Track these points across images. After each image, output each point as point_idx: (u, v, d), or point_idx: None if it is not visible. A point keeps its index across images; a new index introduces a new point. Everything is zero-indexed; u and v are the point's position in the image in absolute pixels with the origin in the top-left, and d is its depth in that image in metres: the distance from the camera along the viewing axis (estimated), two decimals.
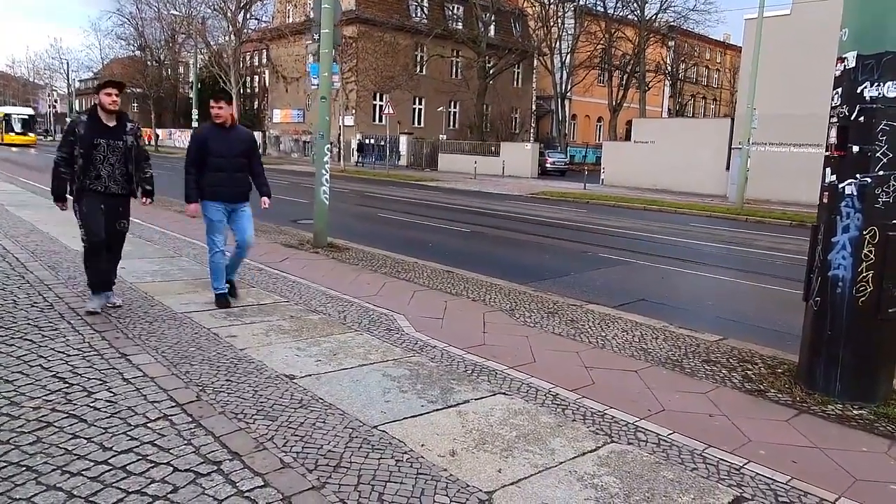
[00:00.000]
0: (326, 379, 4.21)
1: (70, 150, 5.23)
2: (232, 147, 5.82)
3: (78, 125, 5.25)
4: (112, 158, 5.31)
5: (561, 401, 4.12)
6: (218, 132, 5.80)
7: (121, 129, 5.35)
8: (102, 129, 5.26)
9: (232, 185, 5.83)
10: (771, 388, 4.61)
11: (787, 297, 8.58)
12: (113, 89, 5.28)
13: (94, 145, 5.21)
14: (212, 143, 5.72)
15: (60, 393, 3.68)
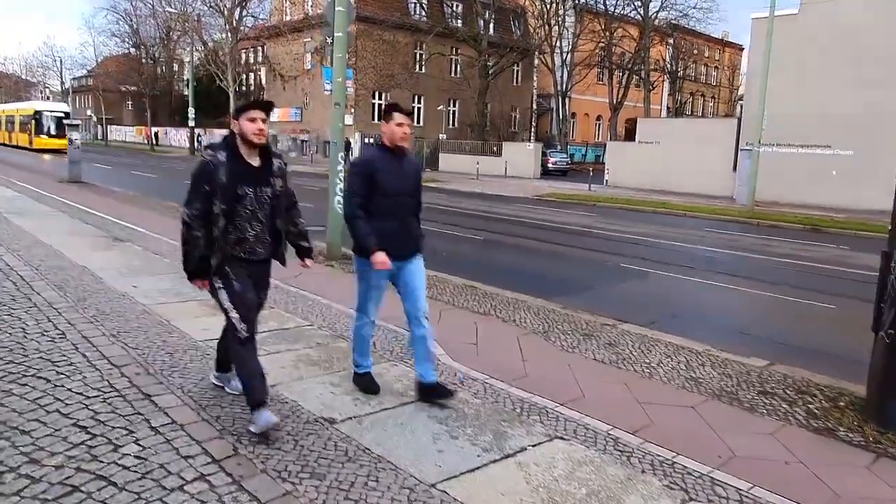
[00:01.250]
0: (369, 423, 3.89)
1: (206, 204, 3.59)
2: (406, 181, 4.24)
3: (217, 169, 3.57)
4: (261, 213, 3.72)
5: (623, 446, 3.81)
6: (390, 160, 4.18)
7: (267, 169, 3.75)
8: (246, 173, 3.66)
9: (405, 235, 4.26)
10: (839, 426, 4.32)
11: (819, 311, 8.34)
12: (259, 113, 3.62)
13: (239, 197, 3.63)
14: (382, 175, 4.10)
15: (84, 447, 3.35)
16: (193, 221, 3.62)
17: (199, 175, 3.63)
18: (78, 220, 11.55)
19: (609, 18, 43.49)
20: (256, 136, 3.61)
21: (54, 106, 47.68)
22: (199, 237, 3.63)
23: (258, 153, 3.72)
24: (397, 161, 4.22)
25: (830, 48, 22.57)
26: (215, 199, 3.59)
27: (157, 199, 16.19)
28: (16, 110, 48.94)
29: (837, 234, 16.64)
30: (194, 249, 3.66)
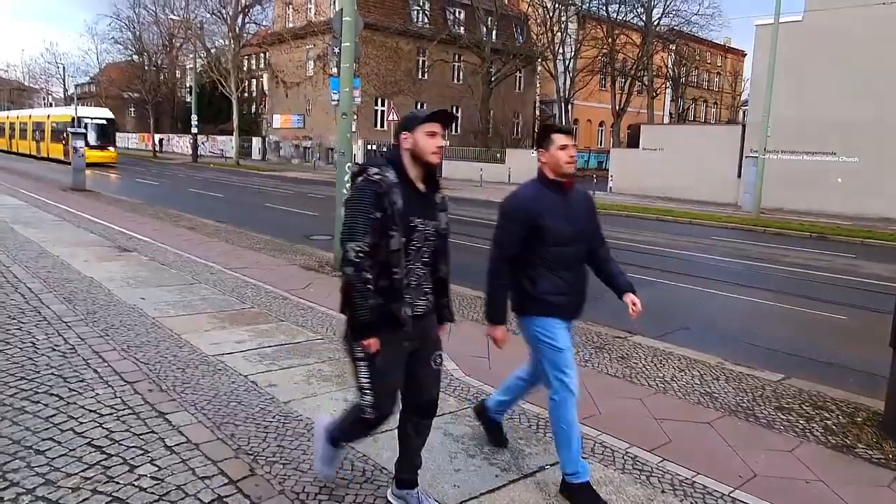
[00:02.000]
0: (384, 441, 3.84)
1: (380, 234, 2.74)
2: (579, 221, 3.39)
3: (390, 191, 2.77)
4: (426, 252, 2.95)
5: (642, 465, 3.77)
6: (555, 198, 3.32)
7: (434, 196, 2.99)
8: (418, 201, 2.89)
9: (580, 289, 3.45)
10: (858, 442, 4.28)
11: (830, 322, 8.29)
12: (440, 126, 2.90)
13: (411, 230, 2.84)
14: (549, 220, 3.25)
15: (99, 467, 3.31)
16: (364, 261, 2.71)
17: (368, 198, 2.74)
18: (83, 229, 11.54)
19: (611, 25, 43.56)
20: (435, 156, 2.88)
21: (97, 111, 41.10)
22: (371, 280, 2.74)
23: (423, 177, 2.94)
24: (563, 197, 3.32)
25: (834, 55, 22.57)
26: (393, 231, 2.75)
27: (161, 208, 16.19)
28: (46, 117, 42.29)
29: (844, 242, 16.60)
30: (367, 297, 2.73)
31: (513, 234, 3.29)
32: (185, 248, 10.19)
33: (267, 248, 10.71)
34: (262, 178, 32.75)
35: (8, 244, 9.47)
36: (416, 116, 2.91)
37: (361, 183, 2.82)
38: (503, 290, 3.37)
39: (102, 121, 38.51)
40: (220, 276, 8.26)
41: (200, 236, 11.64)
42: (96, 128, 37.51)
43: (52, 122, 39.89)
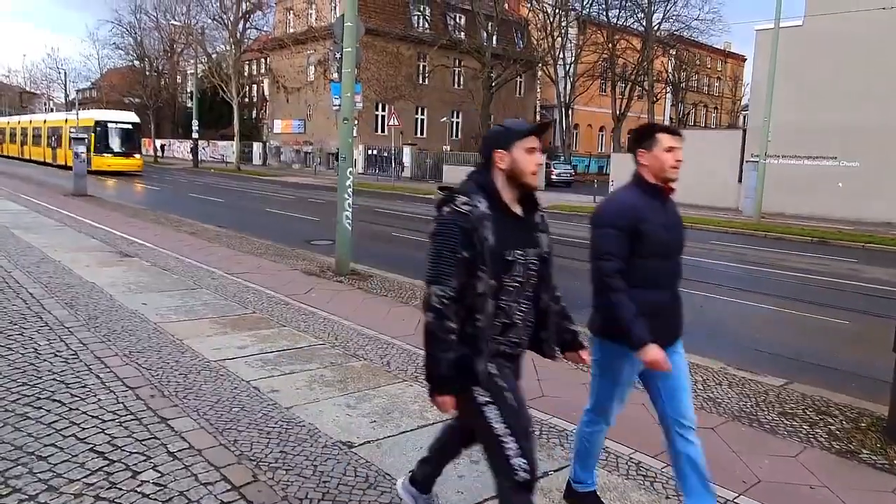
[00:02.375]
0: (388, 447, 3.84)
1: (468, 277, 2.38)
2: (678, 234, 3.06)
3: (480, 225, 2.38)
4: (528, 287, 2.59)
5: (646, 470, 3.76)
6: (654, 205, 2.97)
7: (533, 221, 2.61)
8: (514, 229, 2.51)
9: (676, 312, 3.09)
10: (862, 448, 4.27)
11: (832, 327, 8.28)
12: (538, 142, 2.53)
13: (508, 265, 2.47)
14: (651, 228, 2.90)
15: (102, 473, 3.31)
16: (447, 307, 2.35)
17: (455, 234, 2.36)
18: (85, 234, 11.55)
19: (612, 30, 43.67)
20: (535, 176, 2.52)
21: (119, 115, 37.52)
22: (454, 329, 2.38)
23: (520, 199, 2.55)
24: (663, 205, 2.99)
25: (835, 60, 22.60)
26: (481, 272, 2.38)
27: (163, 213, 16.21)
28: (64, 121, 38.88)
29: (845, 246, 16.59)
30: (446, 349, 2.37)
31: (618, 241, 2.88)
32: (187, 253, 10.19)
33: (268, 253, 10.71)
34: (263, 183, 32.78)
35: (9, 249, 9.48)
36: (513, 130, 2.50)
37: (447, 215, 2.41)
38: (626, 296, 2.86)
39: (127, 125, 35.46)
40: (221, 282, 8.26)
41: (201, 241, 11.64)
42: (120, 133, 34.75)
43: (71, 128, 36.25)
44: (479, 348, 2.42)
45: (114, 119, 35.87)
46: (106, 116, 36.14)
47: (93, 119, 35.25)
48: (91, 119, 35.40)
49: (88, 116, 36.68)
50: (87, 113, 39.28)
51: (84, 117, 36.86)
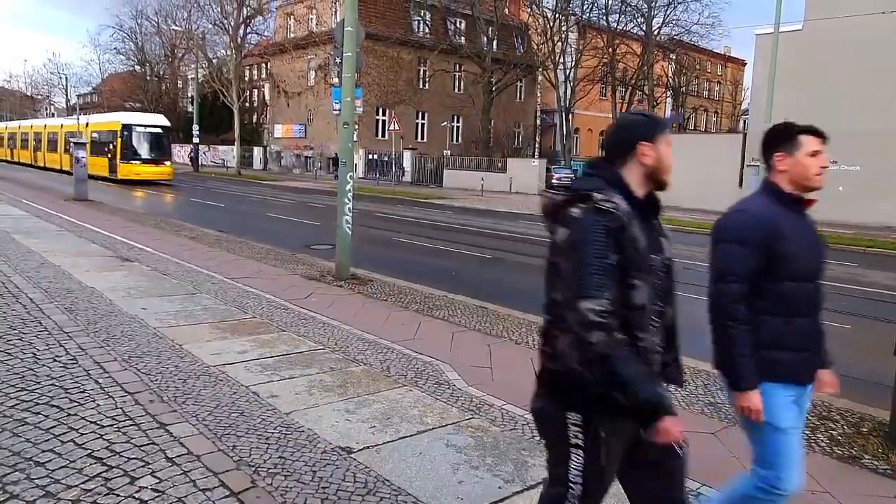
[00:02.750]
0: (387, 452, 3.82)
1: (624, 285, 2.04)
2: (819, 251, 2.72)
3: (629, 223, 2.06)
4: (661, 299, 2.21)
5: None
6: (793, 218, 2.65)
7: (657, 223, 2.32)
8: (651, 231, 2.19)
9: (818, 342, 2.76)
10: (864, 453, 4.25)
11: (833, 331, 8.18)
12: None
13: (650, 272, 2.12)
14: (789, 246, 2.55)
15: (100, 479, 3.29)
16: (611, 320, 1.96)
17: (598, 238, 2.01)
18: (85, 239, 11.54)
19: (612, 35, 43.72)
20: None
21: (148, 118, 33.42)
22: (628, 342, 2.01)
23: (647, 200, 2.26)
24: (801, 219, 2.66)
25: (835, 64, 22.62)
26: (636, 279, 2.04)
27: (163, 218, 16.22)
28: (85, 125, 34.68)
29: (846, 250, 16.58)
30: (637, 365, 2.01)
31: (746, 259, 2.53)
32: (187, 257, 10.18)
33: (268, 258, 10.70)
34: (264, 188, 32.79)
35: (9, 254, 9.47)
36: (659, 121, 2.29)
37: (586, 215, 2.04)
38: (747, 337, 2.52)
39: (157, 129, 31.36)
40: (221, 286, 8.25)
41: (202, 246, 11.64)
42: (150, 138, 30.95)
43: (93, 132, 32.61)
44: (650, 372, 2.06)
45: (143, 122, 31.83)
46: (134, 119, 32.26)
47: (119, 122, 31.36)
48: (117, 122, 31.57)
49: (114, 119, 32.79)
50: (113, 115, 35.23)
51: (109, 120, 33.41)
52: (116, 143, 30.38)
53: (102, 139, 31.65)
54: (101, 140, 31.59)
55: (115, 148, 30.54)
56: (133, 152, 30.33)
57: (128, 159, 30.20)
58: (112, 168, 30.82)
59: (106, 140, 31.30)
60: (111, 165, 30.96)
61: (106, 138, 31.39)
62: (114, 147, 30.63)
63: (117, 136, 30.42)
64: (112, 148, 30.77)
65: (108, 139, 31.21)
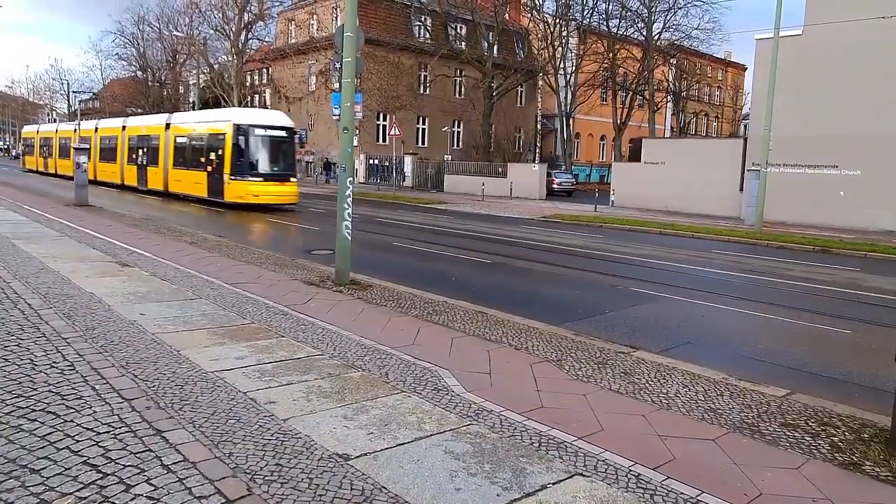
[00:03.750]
0: (385, 459, 3.80)
1: None
2: None
3: None
4: None
5: (646, 483, 3.71)
6: None
7: None
8: None
9: None
10: (865, 459, 4.21)
11: (834, 336, 8.22)
12: None
13: None
14: None
15: (95, 486, 3.26)
16: None
17: None
18: (85, 244, 11.53)
19: (612, 40, 43.76)
20: None
21: (269, 116, 24.06)
22: None
23: None
24: None
25: (835, 68, 22.61)
26: None
27: (163, 223, 16.21)
28: (164, 126, 26.44)
29: (847, 255, 16.53)
30: None
31: None
32: (186, 263, 10.16)
33: (268, 263, 10.68)
34: None
35: (9, 260, 9.46)
36: None
37: None
38: None
39: (282, 133, 22.37)
40: (220, 292, 8.23)
41: (201, 251, 11.62)
42: (273, 145, 22.17)
43: (197, 138, 24.15)
44: None
45: (263, 122, 22.33)
46: (251, 118, 22.56)
47: (230, 121, 22.10)
48: (227, 122, 22.25)
49: (220, 119, 23.25)
50: (218, 114, 25.38)
51: (214, 119, 23.82)
52: (224, 151, 21.81)
53: (203, 146, 23.47)
54: (202, 147, 23.49)
55: (220, 159, 22.08)
56: (250, 165, 21.67)
57: (241, 174, 21.44)
58: (215, 187, 22.24)
59: (211, 147, 22.85)
60: (215, 184, 22.28)
61: (209, 145, 23.06)
62: (218, 158, 22.18)
63: (226, 141, 21.73)
64: (215, 159, 22.37)
65: (213, 146, 22.72)
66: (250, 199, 21.35)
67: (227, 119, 22.58)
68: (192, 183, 23.88)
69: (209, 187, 22.81)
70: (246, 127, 21.84)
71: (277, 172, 22.20)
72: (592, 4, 43.92)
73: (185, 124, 25.73)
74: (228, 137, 21.85)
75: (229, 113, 24.91)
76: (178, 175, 25.05)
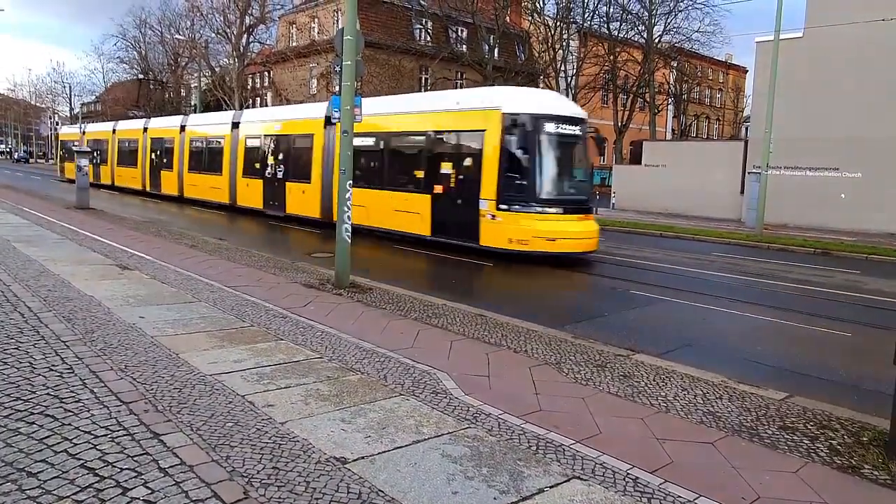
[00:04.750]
0: (382, 463, 3.79)
1: None
2: None
3: None
4: None
5: (643, 487, 3.70)
6: None
7: None
8: None
9: None
10: (864, 463, 4.20)
11: (834, 339, 8.21)
12: None
13: None
14: None
15: (91, 490, 3.26)
16: None
17: None
18: (86, 247, 11.54)
19: (613, 42, 43.76)
20: None
21: (557, 101, 14.68)
22: None
23: None
24: None
25: (836, 70, 22.62)
26: None
27: (165, 226, 16.22)
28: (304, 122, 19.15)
29: (848, 257, 16.51)
30: None
31: None
32: (186, 266, 10.17)
33: (268, 266, 10.69)
34: None
35: (9, 263, 9.46)
36: None
37: None
38: None
39: (576, 129, 13.76)
40: (220, 295, 8.24)
41: (202, 254, 11.63)
42: (567, 149, 13.97)
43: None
44: None
45: (557, 110, 13.70)
46: (538, 103, 13.88)
47: (497, 108, 13.29)
48: (491, 107, 13.44)
49: (482, 102, 13.97)
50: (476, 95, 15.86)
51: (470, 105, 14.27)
52: (483, 161, 13.26)
53: (408, 150, 15.61)
54: (411, 153, 15.53)
55: (469, 173, 13.60)
56: (536, 186, 13.13)
57: (522, 202, 12.95)
58: (460, 222, 13.69)
59: (439, 152, 14.52)
60: (457, 216, 13.78)
61: (439, 148, 14.57)
62: (465, 171, 13.76)
63: (487, 143, 13.17)
64: (455, 173, 13.94)
65: (442, 151, 14.50)
66: (538, 244, 12.67)
67: (491, 103, 13.45)
68: (393, 213, 15.18)
69: (443, 221, 14.04)
70: (531, 118, 13.04)
71: (575, 198, 13.72)
72: (593, 7, 43.95)
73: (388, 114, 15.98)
74: (493, 136, 12.99)
75: (493, 94, 14.55)
76: (371, 199, 15.73)
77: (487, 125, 13.17)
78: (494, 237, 13.08)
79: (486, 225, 13.14)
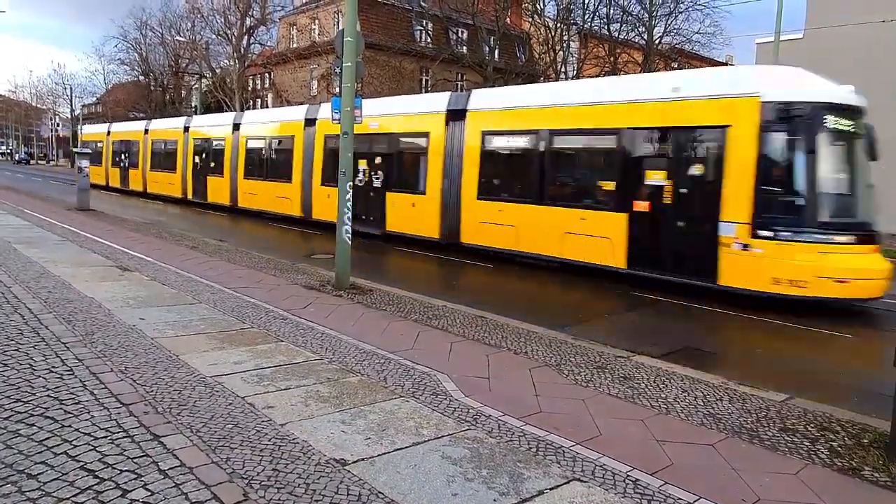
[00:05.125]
0: (382, 464, 3.79)
1: None
2: None
3: None
4: None
5: (643, 489, 3.70)
6: None
7: None
8: None
9: None
10: (864, 465, 4.20)
11: (835, 340, 8.21)
12: None
13: None
14: None
15: (91, 492, 3.26)
16: None
17: None
18: (86, 249, 11.54)
19: (613, 44, 43.78)
20: None
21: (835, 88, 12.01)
22: None
23: None
24: None
25: (836, 71, 22.49)
26: None
27: (164, 227, 16.23)
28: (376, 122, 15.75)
29: None
30: None
31: None
32: (187, 267, 10.17)
33: (268, 267, 10.69)
34: None
35: (10, 264, 9.47)
36: None
37: None
38: None
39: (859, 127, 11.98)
40: (220, 296, 8.24)
41: (202, 255, 11.63)
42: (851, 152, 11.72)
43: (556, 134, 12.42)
44: None
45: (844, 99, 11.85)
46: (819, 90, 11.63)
47: (755, 94, 9.94)
48: (742, 94, 10.02)
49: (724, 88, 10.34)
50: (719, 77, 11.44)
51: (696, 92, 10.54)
52: (725, 168, 9.97)
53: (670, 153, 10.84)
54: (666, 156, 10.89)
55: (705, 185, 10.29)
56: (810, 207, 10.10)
57: (804, 231, 9.64)
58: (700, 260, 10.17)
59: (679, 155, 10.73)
60: (700, 249, 10.16)
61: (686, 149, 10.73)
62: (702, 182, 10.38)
63: (731, 145, 9.97)
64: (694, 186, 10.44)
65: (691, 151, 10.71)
66: (822, 287, 9.27)
67: (740, 88, 10.31)
68: (563, 236, 11.98)
69: (650, 249, 10.81)
70: (811, 108, 10.64)
71: (864, 221, 11.23)
72: (593, 8, 43.96)
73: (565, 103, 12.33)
74: (745, 134, 9.91)
75: (743, 75, 11.37)
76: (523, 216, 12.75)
77: (734, 119, 9.85)
78: (746, 275, 9.51)
79: (732, 258, 9.61)
